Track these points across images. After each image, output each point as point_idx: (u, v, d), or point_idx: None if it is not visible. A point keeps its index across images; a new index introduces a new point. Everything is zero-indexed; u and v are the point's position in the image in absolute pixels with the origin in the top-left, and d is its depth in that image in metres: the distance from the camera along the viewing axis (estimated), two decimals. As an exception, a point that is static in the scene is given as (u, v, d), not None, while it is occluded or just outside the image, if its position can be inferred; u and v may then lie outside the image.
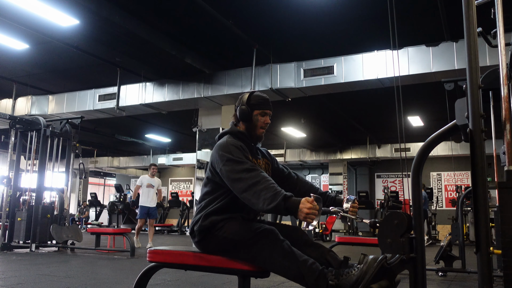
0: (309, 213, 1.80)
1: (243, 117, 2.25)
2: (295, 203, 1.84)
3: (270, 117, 2.30)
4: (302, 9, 6.59)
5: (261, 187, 1.92)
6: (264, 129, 2.29)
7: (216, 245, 2.09)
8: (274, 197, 1.87)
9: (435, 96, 9.30)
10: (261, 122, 2.26)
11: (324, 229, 12.12)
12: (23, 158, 7.91)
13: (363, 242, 5.17)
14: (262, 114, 2.26)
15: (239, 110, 2.26)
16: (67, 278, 4.24)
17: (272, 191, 1.89)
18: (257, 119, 2.25)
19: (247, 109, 2.23)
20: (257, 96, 2.27)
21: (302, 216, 1.81)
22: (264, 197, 1.89)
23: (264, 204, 1.88)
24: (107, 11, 6.40)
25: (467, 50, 1.60)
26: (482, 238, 1.50)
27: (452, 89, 4.94)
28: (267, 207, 1.87)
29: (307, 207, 1.80)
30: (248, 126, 2.27)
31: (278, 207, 1.85)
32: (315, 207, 1.82)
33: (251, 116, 2.25)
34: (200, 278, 4.31)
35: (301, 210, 1.81)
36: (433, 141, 1.67)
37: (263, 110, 2.26)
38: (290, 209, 1.84)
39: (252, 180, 1.95)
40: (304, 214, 1.80)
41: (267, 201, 1.87)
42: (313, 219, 1.82)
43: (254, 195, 1.92)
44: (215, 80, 8.88)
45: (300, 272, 1.87)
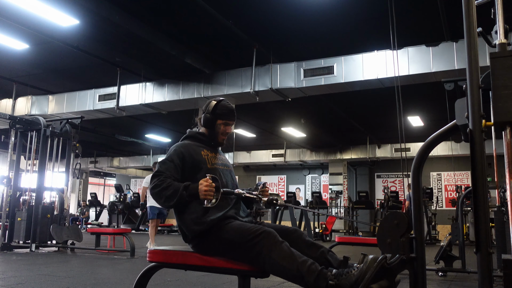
0: (207, 190, 2.02)
1: (206, 124, 2.42)
2: (194, 187, 2.06)
3: (232, 127, 2.50)
4: (302, 9, 6.59)
5: (161, 188, 2.12)
6: (225, 137, 2.45)
7: (215, 247, 2.10)
8: (174, 192, 2.09)
9: (435, 96, 9.31)
10: (223, 131, 2.42)
11: (324, 229, 12.12)
12: (23, 158, 7.90)
13: (363, 242, 5.17)
14: (225, 124, 2.41)
15: (204, 117, 2.42)
16: (67, 278, 4.24)
17: (172, 188, 2.10)
18: (220, 128, 2.41)
19: (211, 117, 2.38)
20: (223, 106, 2.40)
21: (202, 195, 2.03)
22: (166, 195, 2.10)
23: (168, 201, 2.10)
24: (107, 11, 6.40)
25: (467, 50, 1.60)
26: (482, 238, 1.50)
27: (452, 89, 4.94)
28: (171, 202, 2.09)
29: (205, 185, 2.03)
30: (210, 132, 2.43)
31: (182, 197, 2.07)
32: (211, 185, 2.04)
33: (214, 124, 2.40)
34: (200, 278, 4.31)
35: (200, 190, 2.04)
36: (433, 141, 1.67)
37: (227, 121, 2.41)
38: (192, 193, 2.06)
39: (155, 189, 2.15)
40: (203, 192, 2.02)
41: (169, 197, 2.09)
42: (212, 196, 2.03)
43: (157, 197, 2.14)
44: (215, 80, 8.88)
45: (300, 272, 1.87)
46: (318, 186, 19.21)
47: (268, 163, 18.44)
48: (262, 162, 18.01)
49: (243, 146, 17.19)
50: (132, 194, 17.51)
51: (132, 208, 15.99)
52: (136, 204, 16.12)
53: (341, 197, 16.78)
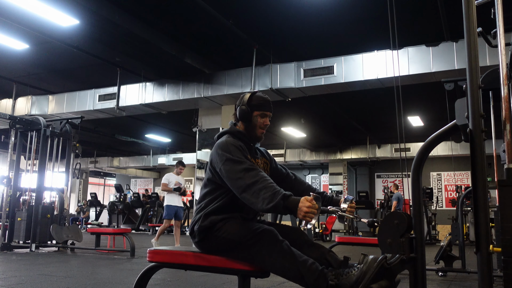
0: (308, 212, 1.81)
1: (242, 117, 2.24)
2: (294, 202, 1.84)
3: (270, 119, 2.30)
4: (302, 9, 6.59)
5: (260, 186, 1.91)
6: (264, 130, 2.28)
7: (216, 245, 2.09)
8: (273, 196, 1.87)
9: (435, 96, 9.31)
10: (261, 123, 2.25)
11: (324, 229, 12.12)
12: (23, 158, 7.91)
13: (363, 242, 5.17)
14: (262, 116, 2.25)
15: (239, 110, 2.24)
16: (67, 278, 4.24)
17: (271, 190, 1.89)
18: (257, 120, 2.24)
19: (247, 110, 2.22)
20: (258, 97, 2.26)
21: (301, 215, 1.81)
22: (263, 197, 1.88)
23: (263, 204, 1.88)
24: (107, 11, 6.40)
25: (467, 50, 1.60)
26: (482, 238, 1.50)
27: (452, 89, 4.94)
28: (266, 206, 1.87)
29: (306, 206, 1.81)
30: (247, 126, 2.26)
31: (277, 206, 1.85)
32: (314, 206, 1.82)
33: (250, 117, 2.23)
34: (200, 278, 4.31)
35: (300, 209, 1.81)
36: (433, 141, 1.67)
37: (263, 112, 2.25)
38: (289, 207, 1.84)
39: (251, 180, 1.94)
40: (303, 213, 1.81)
41: (266, 200, 1.87)
42: (312, 218, 1.83)
43: (253, 195, 1.91)
44: (215, 80, 8.88)
45: (300, 272, 1.87)
46: (318, 186, 19.22)
47: (268, 163, 18.41)
48: (262, 162, 17.98)
49: (243, 146, 17.16)
50: (132, 194, 17.52)
51: (132, 208, 16.00)
52: (136, 204, 16.15)
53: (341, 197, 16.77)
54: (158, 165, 19.12)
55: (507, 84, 1.74)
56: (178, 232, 7.53)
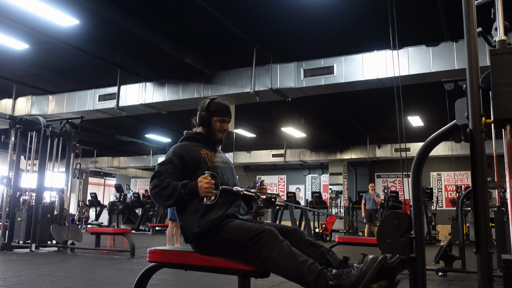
0: (207, 188, 2.02)
1: (202, 122, 2.40)
2: (193, 185, 2.05)
3: (228, 124, 2.44)
4: (302, 9, 6.59)
5: (160, 188, 2.11)
6: (223, 134, 2.43)
7: (216, 246, 2.10)
8: (173, 191, 2.07)
9: (435, 96, 9.31)
10: (220, 128, 2.40)
11: (324, 229, 12.12)
12: (23, 158, 7.90)
13: (363, 242, 5.16)
14: (221, 121, 2.40)
15: (199, 116, 2.41)
16: (67, 278, 4.24)
17: (171, 187, 2.09)
18: (216, 125, 2.40)
19: (207, 115, 2.38)
20: (217, 103, 2.41)
21: (202, 193, 2.02)
22: (165, 195, 2.08)
23: (167, 200, 2.08)
24: (107, 11, 6.40)
25: (467, 50, 1.60)
26: (482, 238, 1.50)
27: (452, 89, 4.94)
28: (171, 201, 2.07)
29: (204, 183, 2.03)
30: (207, 131, 2.42)
31: (181, 196, 2.05)
32: (211, 182, 2.03)
33: (210, 122, 2.39)
34: (200, 278, 4.31)
35: (201, 188, 2.03)
36: (433, 141, 1.67)
37: (222, 117, 2.40)
38: (191, 191, 2.05)
39: (153, 185, 2.14)
40: (204, 189, 2.02)
41: (169, 196, 2.07)
42: (212, 193, 2.03)
43: (156, 197, 2.13)
44: (215, 80, 8.88)
45: (300, 272, 1.87)
46: (318, 186, 19.22)
47: (268, 163, 18.45)
48: (262, 162, 18.02)
49: (243, 146, 17.19)
50: (132, 194, 17.52)
51: (132, 208, 16.00)
52: (136, 204, 16.15)
53: (341, 197, 16.79)
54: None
55: (507, 84, 1.74)
56: (178, 232, 7.52)
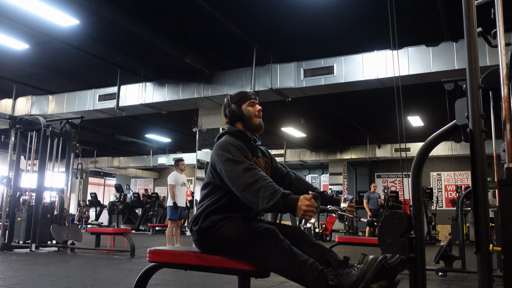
0: (308, 211, 1.81)
1: (235, 115, 2.28)
2: (293, 201, 1.84)
3: (259, 105, 2.33)
4: (302, 9, 6.59)
5: (259, 185, 1.91)
6: (260, 117, 2.31)
7: (216, 244, 2.09)
8: (272, 195, 1.87)
9: (435, 96, 9.30)
10: (254, 111, 2.29)
11: (324, 229, 12.11)
12: (23, 158, 7.90)
13: (363, 242, 5.17)
14: (251, 104, 2.29)
15: (229, 111, 2.29)
16: (67, 278, 4.24)
17: (271, 189, 1.89)
18: (249, 111, 2.28)
19: (235, 107, 2.27)
20: (238, 93, 2.34)
21: (300, 214, 1.82)
22: (263, 196, 1.88)
23: (263, 203, 1.88)
24: (107, 11, 6.40)
25: (467, 50, 1.60)
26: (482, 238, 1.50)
27: (452, 89, 4.94)
28: (266, 205, 1.87)
29: (305, 204, 1.81)
30: (244, 122, 2.29)
31: (277, 205, 1.85)
32: (313, 205, 1.82)
33: (241, 111, 2.27)
34: (200, 278, 4.31)
35: (300, 208, 1.82)
36: (433, 141, 1.67)
37: (250, 101, 2.30)
38: (289, 206, 1.85)
39: (250, 179, 1.94)
40: (303, 211, 1.81)
41: (266, 199, 1.87)
42: (311, 217, 1.83)
43: (253, 194, 1.92)
44: (215, 80, 8.88)
45: (300, 272, 1.87)
46: (318, 186, 19.23)
47: (268, 163, 18.41)
48: (262, 162, 17.99)
49: (243, 146, 17.16)
50: (132, 194, 17.52)
51: (132, 208, 16.00)
52: (136, 204, 16.15)
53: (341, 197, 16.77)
54: (158, 165, 19.11)
55: (507, 84, 1.74)
56: (178, 232, 7.53)
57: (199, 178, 9.68)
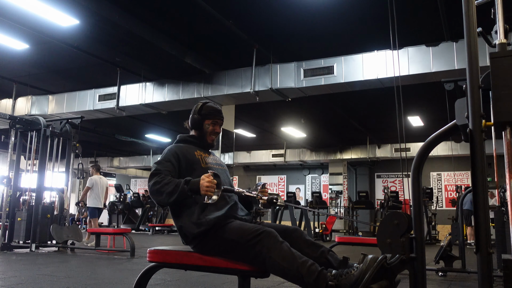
0: (209, 186, 2.01)
1: (194, 125, 2.46)
2: (196, 182, 2.05)
3: (220, 127, 2.49)
4: (302, 9, 6.59)
5: (162, 184, 2.11)
6: (215, 137, 2.49)
7: (215, 247, 2.10)
8: (176, 186, 2.07)
9: (435, 96, 9.31)
10: (211, 130, 2.45)
11: (324, 229, 12.12)
12: (23, 158, 7.90)
13: (363, 242, 5.17)
14: (213, 124, 2.45)
15: (191, 119, 2.47)
16: (67, 278, 4.24)
17: (173, 183, 2.09)
18: (208, 127, 2.44)
19: (198, 118, 2.43)
20: (209, 107, 2.46)
21: (203, 191, 2.01)
22: (167, 191, 2.08)
23: (169, 197, 2.08)
24: (107, 11, 6.40)
25: (467, 50, 1.60)
26: (482, 238, 1.50)
27: (452, 89, 4.94)
28: (173, 197, 2.07)
29: (206, 181, 2.02)
30: (199, 134, 2.47)
31: (183, 192, 2.05)
32: (212, 181, 2.03)
33: (202, 125, 2.44)
34: (200, 278, 4.31)
35: (202, 185, 2.02)
36: (433, 141, 1.67)
37: (214, 120, 2.45)
38: (193, 188, 2.05)
39: (152, 182, 2.15)
40: (205, 187, 2.01)
41: (170, 192, 2.07)
42: (213, 193, 2.02)
43: (157, 194, 2.12)
44: (215, 80, 8.88)
45: (300, 273, 1.87)
46: (318, 186, 19.21)
47: (268, 163, 18.44)
48: (262, 162, 18.01)
49: (243, 146, 17.19)
50: (132, 194, 17.51)
51: (132, 208, 16.00)
52: (136, 204, 16.15)
53: (341, 197, 16.79)
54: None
55: (507, 84, 1.74)
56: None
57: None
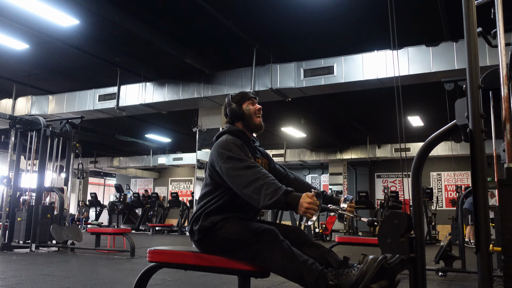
0: (309, 208, 1.81)
1: (235, 114, 2.29)
2: (295, 198, 1.84)
3: (259, 105, 2.35)
4: (302, 9, 6.59)
5: (262, 183, 1.91)
6: (260, 117, 2.33)
7: (216, 244, 2.09)
8: (275, 192, 1.87)
9: (435, 96, 9.30)
10: (254, 110, 2.31)
11: (324, 229, 12.11)
12: (23, 158, 7.90)
13: (363, 242, 5.16)
14: (251, 103, 2.31)
15: (229, 111, 2.31)
16: (67, 278, 4.24)
17: (273, 186, 1.89)
18: (249, 109, 2.30)
19: (236, 106, 2.29)
20: (239, 93, 2.35)
21: (302, 211, 1.82)
22: (265, 193, 1.88)
23: (265, 199, 1.88)
24: (107, 11, 6.40)
25: (467, 50, 1.60)
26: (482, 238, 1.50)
27: (452, 89, 4.94)
28: (268, 202, 1.87)
29: (307, 202, 1.81)
30: (244, 121, 2.30)
31: (279, 202, 1.85)
32: (315, 202, 1.83)
33: (242, 110, 2.29)
34: (200, 278, 4.31)
35: (301, 205, 1.82)
36: (433, 141, 1.67)
37: (250, 100, 2.32)
38: (291, 203, 1.85)
39: (252, 177, 1.95)
40: (304, 208, 1.81)
41: (268, 196, 1.87)
42: (313, 214, 1.83)
43: (254, 191, 1.92)
44: (215, 80, 8.88)
45: (300, 272, 1.87)
46: (318, 186, 19.23)
47: (268, 163, 18.41)
48: (262, 162, 17.98)
49: (243, 146, 17.16)
50: (132, 194, 17.52)
51: (132, 208, 16.01)
52: (136, 204, 16.16)
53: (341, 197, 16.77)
54: (158, 165, 19.11)
55: (507, 84, 1.74)
56: None
57: (199, 178, 9.68)
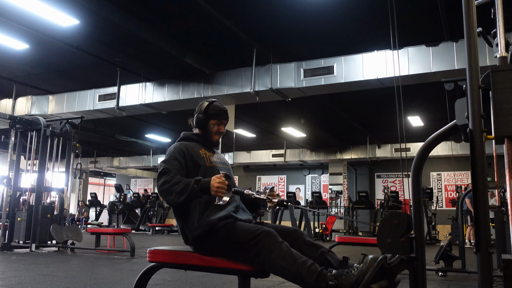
0: (220, 187, 2.00)
1: (199, 124, 2.44)
2: (206, 182, 2.03)
3: (224, 127, 2.49)
4: (302, 9, 6.59)
5: (171, 183, 2.09)
6: (219, 136, 2.47)
7: (215, 247, 2.10)
8: (186, 186, 2.05)
9: (435, 96, 9.30)
10: (216, 130, 2.44)
11: (324, 229, 12.12)
12: (23, 158, 7.90)
13: (363, 242, 5.16)
14: (218, 124, 2.44)
15: (196, 118, 2.44)
16: (67, 278, 4.24)
17: (183, 183, 2.07)
18: (213, 127, 2.43)
19: (204, 118, 2.42)
20: (215, 107, 2.45)
21: (214, 191, 2.00)
22: (176, 191, 2.06)
23: (179, 196, 2.05)
24: (107, 11, 6.40)
25: (467, 50, 1.60)
26: (482, 238, 1.50)
27: (452, 89, 4.94)
28: (182, 196, 2.04)
29: (217, 182, 2.00)
30: (204, 133, 2.46)
31: (193, 191, 2.03)
32: (223, 182, 2.01)
33: (207, 125, 2.43)
34: (200, 278, 4.31)
35: (212, 186, 2.00)
36: (433, 141, 1.67)
37: (219, 120, 2.44)
38: (204, 188, 2.02)
39: (162, 181, 2.13)
40: (216, 188, 2.00)
41: (180, 192, 2.05)
42: (224, 194, 2.01)
43: (167, 193, 2.09)
44: (215, 80, 8.88)
45: (300, 273, 1.87)
46: (318, 186, 19.22)
47: (268, 163, 18.44)
48: (262, 162, 18.02)
49: (243, 146, 17.19)
50: (132, 194, 17.52)
51: (132, 208, 16.00)
52: (136, 204, 16.16)
53: (341, 197, 16.79)
54: (158, 165, 19.09)
55: (507, 84, 1.74)
56: None
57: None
